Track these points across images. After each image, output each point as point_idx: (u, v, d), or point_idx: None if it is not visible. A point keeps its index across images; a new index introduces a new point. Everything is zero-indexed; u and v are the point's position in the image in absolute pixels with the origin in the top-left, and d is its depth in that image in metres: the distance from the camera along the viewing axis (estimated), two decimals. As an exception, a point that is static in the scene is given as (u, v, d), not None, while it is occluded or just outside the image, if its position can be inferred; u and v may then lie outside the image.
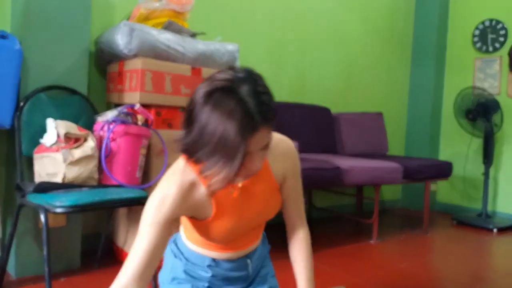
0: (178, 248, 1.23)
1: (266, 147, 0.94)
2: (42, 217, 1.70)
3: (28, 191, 1.84)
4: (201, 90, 0.90)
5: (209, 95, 0.88)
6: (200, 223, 1.09)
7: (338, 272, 2.44)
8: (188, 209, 1.03)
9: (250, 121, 0.86)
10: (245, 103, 0.86)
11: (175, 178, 1.01)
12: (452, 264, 2.79)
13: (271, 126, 0.91)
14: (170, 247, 1.26)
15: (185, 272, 1.19)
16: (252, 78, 0.92)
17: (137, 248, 0.99)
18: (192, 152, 0.91)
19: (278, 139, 1.15)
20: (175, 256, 1.22)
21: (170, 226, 1.00)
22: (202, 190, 1.03)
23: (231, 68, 0.94)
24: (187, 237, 1.20)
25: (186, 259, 1.20)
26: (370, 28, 4.22)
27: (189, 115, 0.90)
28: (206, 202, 1.04)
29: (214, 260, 1.18)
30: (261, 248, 1.30)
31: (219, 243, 1.15)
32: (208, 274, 1.18)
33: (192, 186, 1.01)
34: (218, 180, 0.91)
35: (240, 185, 1.07)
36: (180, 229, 1.25)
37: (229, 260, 1.19)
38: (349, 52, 4.05)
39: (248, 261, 1.22)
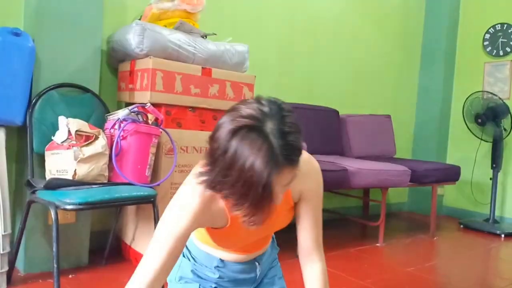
0: (186, 247, 1.23)
1: (288, 184, 0.91)
2: (52, 214, 1.71)
3: (38, 187, 1.86)
4: (226, 127, 0.86)
5: (234, 133, 0.84)
6: (213, 230, 1.09)
7: (344, 275, 2.44)
8: (206, 221, 1.02)
9: (274, 162, 0.83)
10: (270, 143, 0.83)
11: (198, 188, 0.94)
12: (458, 269, 2.78)
13: (295, 167, 0.88)
14: None
15: (193, 272, 1.20)
16: (280, 114, 0.87)
17: (154, 255, 0.96)
18: (219, 189, 0.88)
19: (304, 160, 1.06)
20: (183, 255, 1.22)
21: (187, 237, 0.98)
22: (220, 203, 1.00)
23: (257, 100, 0.90)
24: (196, 236, 1.21)
25: (194, 259, 1.20)
26: (379, 31, 4.21)
27: (214, 152, 0.87)
28: (223, 214, 1.03)
29: (222, 261, 1.18)
30: (270, 250, 1.30)
31: (228, 248, 1.15)
32: (215, 275, 1.18)
33: (212, 197, 0.98)
34: (247, 221, 0.88)
35: None
36: None
37: (238, 262, 1.19)
38: (358, 54, 4.05)
39: (257, 263, 1.22)
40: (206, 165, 0.89)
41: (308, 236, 1.15)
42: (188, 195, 0.97)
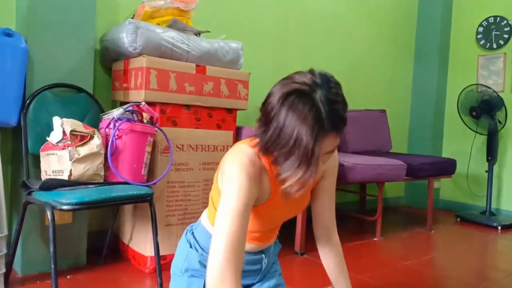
0: (195, 237, 1.24)
1: (332, 151, 0.99)
2: (48, 214, 1.71)
3: (34, 188, 1.85)
4: (279, 92, 0.95)
5: (286, 97, 0.93)
6: (252, 209, 1.10)
7: None
8: (259, 188, 1.06)
9: (321, 127, 0.91)
10: (318, 109, 0.91)
11: (247, 158, 1.02)
12: (456, 261, 2.79)
13: (339, 134, 0.97)
14: (186, 237, 1.26)
15: (200, 262, 1.20)
16: (329, 84, 0.96)
17: (232, 229, 0.96)
18: (271, 151, 0.96)
19: None
20: (191, 246, 1.23)
21: (251, 205, 1.02)
22: (265, 171, 1.08)
23: (311, 71, 0.98)
24: (211, 222, 1.20)
25: (202, 249, 1.20)
26: (373, 26, 4.22)
27: (267, 114, 0.95)
28: (268, 186, 1.09)
29: None
30: (274, 246, 1.32)
31: (254, 231, 1.16)
32: None
33: (261, 170, 1.06)
34: (293, 184, 0.95)
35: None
36: (203, 217, 1.25)
37: (247, 252, 1.20)
38: (352, 50, 4.05)
39: (263, 255, 1.25)
40: (259, 127, 0.97)
41: (327, 210, 1.24)
42: (240, 168, 1.01)
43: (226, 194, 1.00)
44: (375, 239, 3.14)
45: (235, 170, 1.02)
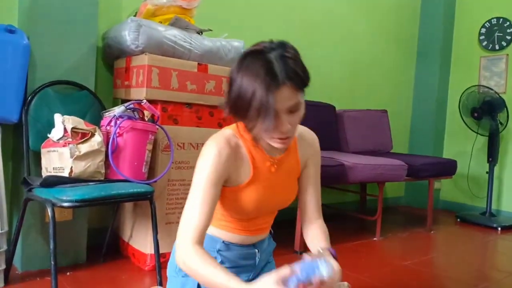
0: None
1: (293, 110, 1.03)
2: (49, 211, 1.71)
3: (35, 185, 1.85)
4: (237, 59, 1.05)
5: (242, 61, 1.02)
6: (234, 190, 1.13)
7: (342, 269, 2.45)
8: (234, 167, 1.11)
9: (273, 78, 0.97)
10: (270, 63, 0.98)
11: (223, 140, 1.10)
12: (455, 262, 2.79)
13: (296, 88, 1.01)
14: None
15: None
16: (284, 48, 1.03)
17: (195, 200, 1.05)
18: (235, 112, 1.04)
19: (307, 130, 1.29)
20: None
21: (222, 183, 1.09)
22: (244, 152, 1.13)
23: (270, 40, 1.06)
24: None
25: None
26: (375, 25, 4.21)
27: (228, 84, 1.04)
28: (247, 165, 1.13)
29: (225, 244, 1.20)
30: (268, 242, 1.33)
31: (242, 217, 1.18)
32: (217, 260, 1.19)
33: (237, 147, 1.12)
34: (259, 132, 1.02)
35: (273, 159, 1.16)
36: None
37: (240, 245, 1.21)
38: (354, 49, 4.05)
39: (256, 250, 1.25)
40: (225, 95, 1.06)
41: (312, 199, 1.25)
42: (215, 143, 1.09)
43: (196, 168, 1.09)
44: (374, 239, 3.15)
45: (206, 147, 1.10)
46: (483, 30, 4.31)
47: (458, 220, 3.96)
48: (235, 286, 0.92)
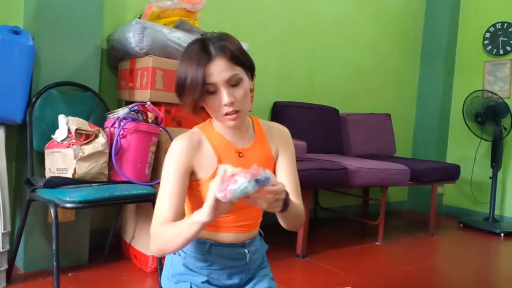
0: None
1: (233, 83, 1.10)
2: (52, 212, 1.71)
3: (38, 185, 1.86)
4: None
5: (184, 51, 1.13)
6: (202, 183, 1.15)
7: (343, 273, 2.44)
8: (197, 160, 1.15)
9: (205, 53, 1.07)
10: (204, 43, 1.10)
11: (184, 135, 1.17)
12: (458, 267, 2.78)
13: (229, 60, 1.08)
14: None
15: (184, 265, 1.22)
16: (223, 35, 1.13)
17: (164, 193, 1.12)
18: (180, 97, 1.12)
19: (275, 124, 1.33)
20: (174, 253, 1.25)
21: (188, 174, 1.14)
22: (208, 146, 1.17)
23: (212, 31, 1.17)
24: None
25: (185, 252, 1.22)
26: (380, 29, 4.21)
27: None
28: (212, 157, 1.16)
29: (212, 245, 1.20)
30: (259, 244, 1.32)
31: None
32: (206, 263, 1.20)
33: (199, 141, 1.17)
34: (187, 102, 1.10)
35: (240, 148, 1.20)
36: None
37: (228, 244, 1.21)
38: (359, 53, 4.05)
39: (246, 250, 1.24)
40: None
41: (287, 187, 1.20)
42: (176, 141, 1.16)
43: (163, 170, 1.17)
44: (377, 243, 3.14)
45: (170, 146, 1.17)
46: (488, 35, 4.30)
47: (461, 225, 3.95)
48: (196, 217, 0.97)
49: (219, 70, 1.07)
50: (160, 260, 2.00)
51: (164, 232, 1.06)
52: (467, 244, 3.42)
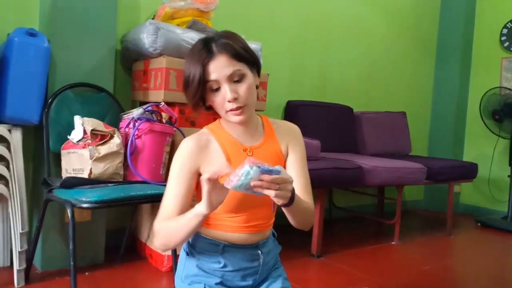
0: (190, 244, 1.25)
1: (235, 79, 1.11)
2: (68, 212, 1.73)
3: (55, 186, 1.88)
4: None
5: (189, 51, 1.16)
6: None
7: (359, 273, 2.42)
8: (205, 160, 1.16)
9: (206, 51, 1.09)
10: (207, 42, 1.11)
11: (192, 136, 1.18)
12: (475, 267, 2.74)
13: (231, 56, 1.10)
14: (183, 247, 1.27)
15: (198, 267, 1.22)
16: (226, 33, 1.15)
17: (169, 194, 1.13)
18: (186, 96, 1.15)
19: (285, 122, 1.33)
20: (187, 254, 1.25)
21: (195, 176, 1.15)
22: (217, 146, 1.18)
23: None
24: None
25: (199, 254, 1.22)
26: (394, 26, 4.17)
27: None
28: (220, 157, 1.16)
29: (226, 245, 1.19)
30: (272, 244, 1.31)
31: (230, 209, 1.17)
32: (220, 264, 1.20)
33: (207, 141, 1.18)
34: (189, 98, 1.14)
35: (249, 147, 1.20)
36: None
37: (242, 245, 1.20)
38: (372, 51, 4.01)
39: (259, 252, 1.23)
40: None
41: (297, 184, 1.22)
42: (184, 142, 1.17)
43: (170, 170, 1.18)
44: (393, 243, 3.11)
45: (178, 147, 1.18)
46: (505, 31, 4.23)
47: (479, 224, 3.89)
48: (197, 209, 1.01)
49: (221, 66, 1.09)
50: (175, 259, 2.00)
51: (166, 227, 1.09)
52: (485, 243, 3.36)
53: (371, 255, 2.81)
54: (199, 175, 1.15)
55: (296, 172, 1.24)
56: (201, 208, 1.00)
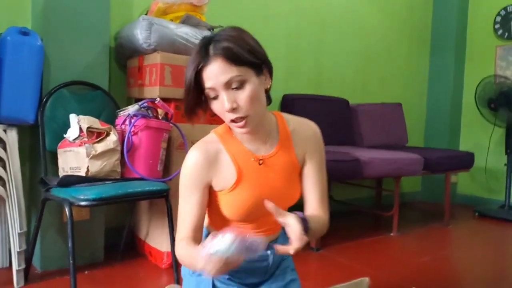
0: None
1: (233, 86, 1.00)
2: (66, 211, 1.73)
3: (52, 185, 1.87)
4: None
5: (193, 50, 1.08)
6: (224, 193, 1.12)
7: (358, 266, 2.43)
8: (215, 173, 1.10)
9: (202, 53, 1.00)
10: (206, 41, 1.02)
11: (201, 146, 1.12)
12: (474, 257, 2.75)
13: (228, 61, 0.99)
14: None
15: None
16: (232, 32, 1.05)
17: (183, 209, 1.10)
18: (186, 95, 1.06)
19: (304, 123, 1.22)
20: None
21: (206, 189, 1.10)
22: (226, 155, 1.11)
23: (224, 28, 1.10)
24: (209, 223, 1.23)
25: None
26: (388, 17, 4.16)
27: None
28: (230, 167, 1.11)
29: None
30: (282, 241, 1.30)
31: (240, 219, 1.15)
32: None
33: (217, 152, 1.11)
34: (185, 107, 1.09)
35: (261, 156, 1.13)
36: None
37: None
38: (367, 42, 4.01)
39: (269, 252, 1.23)
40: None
41: (310, 195, 1.19)
42: (192, 153, 1.11)
43: (180, 174, 1.13)
44: (391, 234, 3.12)
45: (187, 155, 1.12)
46: (498, 19, 4.23)
47: (476, 214, 3.90)
48: (195, 260, 0.93)
49: (216, 73, 0.99)
50: (175, 257, 2.00)
51: (187, 255, 1.06)
52: (483, 233, 3.38)
53: (369, 247, 2.82)
54: (210, 186, 1.12)
55: (312, 184, 1.18)
56: (198, 263, 0.91)
